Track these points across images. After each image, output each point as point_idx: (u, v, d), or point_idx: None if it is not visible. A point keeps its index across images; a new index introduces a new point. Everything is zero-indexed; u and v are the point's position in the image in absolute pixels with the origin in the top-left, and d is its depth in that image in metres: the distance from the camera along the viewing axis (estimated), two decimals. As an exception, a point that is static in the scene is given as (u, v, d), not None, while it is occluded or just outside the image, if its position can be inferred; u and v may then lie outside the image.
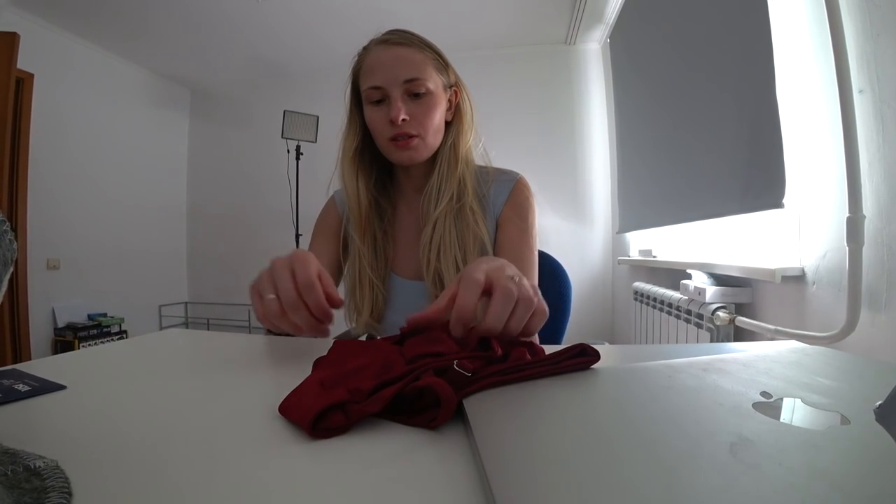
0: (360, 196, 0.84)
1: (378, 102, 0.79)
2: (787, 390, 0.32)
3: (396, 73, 0.76)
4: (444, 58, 0.83)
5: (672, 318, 1.79)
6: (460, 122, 0.86)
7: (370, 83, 0.78)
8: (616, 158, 3.01)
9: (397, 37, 0.80)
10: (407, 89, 0.77)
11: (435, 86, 0.79)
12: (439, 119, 0.81)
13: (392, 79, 0.76)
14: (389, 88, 0.76)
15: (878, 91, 0.96)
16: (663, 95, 2.09)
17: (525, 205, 0.86)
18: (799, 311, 1.22)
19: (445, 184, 0.82)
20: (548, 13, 3.02)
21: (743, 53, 1.39)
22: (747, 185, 1.37)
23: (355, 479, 0.25)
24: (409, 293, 0.86)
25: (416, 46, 0.79)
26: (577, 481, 0.21)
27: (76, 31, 3.16)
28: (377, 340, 0.52)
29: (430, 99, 0.79)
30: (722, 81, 1.53)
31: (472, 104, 0.87)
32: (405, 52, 0.78)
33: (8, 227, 0.22)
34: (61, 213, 3.15)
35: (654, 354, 0.52)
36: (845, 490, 0.19)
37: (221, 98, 4.24)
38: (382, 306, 0.86)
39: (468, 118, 0.86)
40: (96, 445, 0.29)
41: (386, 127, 0.78)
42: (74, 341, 3.02)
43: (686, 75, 1.84)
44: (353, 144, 0.85)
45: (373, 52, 0.79)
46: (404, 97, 0.77)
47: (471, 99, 0.87)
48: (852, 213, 0.98)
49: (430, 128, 0.79)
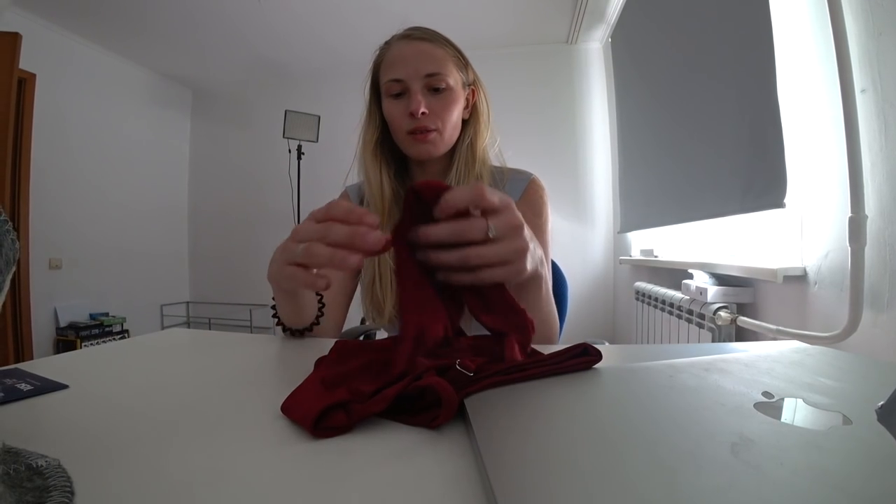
0: (383, 186, 0.84)
1: (398, 96, 0.79)
2: (788, 390, 0.32)
3: (418, 66, 0.77)
4: (464, 56, 0.85)
5: (673, 318, 1.79)
6: (477, 121, 0.86)
7: (391, 76, 0.78)
8: (617, 158, 3.00)
9: (420, 32, 0.81)
10: (427, 83, 0.78)
11: (455, 82, 0.80)
12: (457, 115, 0.82)
13: (413, 72, 0.77)
14: (410, 82, 0.77)
15: (881, 90, 0.95)
16: (665, 95, 2.08)
17: (539, 202, 0.85)
18: (801, 311, 1.21)
19: (463, 181, 0.83)
20: (549, 12, 3.02)
21: (744, 52, 1.39)
22: (748, 184, 1.37)
23: (357, 478, 0.25)
24: None
25: (437, 42, 0.80)
26: (578, 481, 0.21)
27: (78, 31, 3.17)
28: (378, 341, 0.52)
29: (449, 94, 0.79)
30: (723, 81, 1.53)
31: (489, 104, 0.88)
32: (427, 48, 0.79)
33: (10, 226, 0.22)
34: (63, 212, 3.16)
35: (655, 354, 0.52)
36: (847, 491, 0.19)
37: (223, 98, 4.25)
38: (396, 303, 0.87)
39: (485, 117, 0.87)
40: (98, 444, 0.30)
41: (405, 120, 0.79)
42: (76, 341, 3.03)
43: (687, 75, 1.84)
44: (374, 136, 0.85)
45: (395, 47, 0.80)
46: (424, 91, 0.78)
47: (488, 99, 0.88)
48: (854, 213, 0.98)
49: (448, 123, 0.80)
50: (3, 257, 0.21)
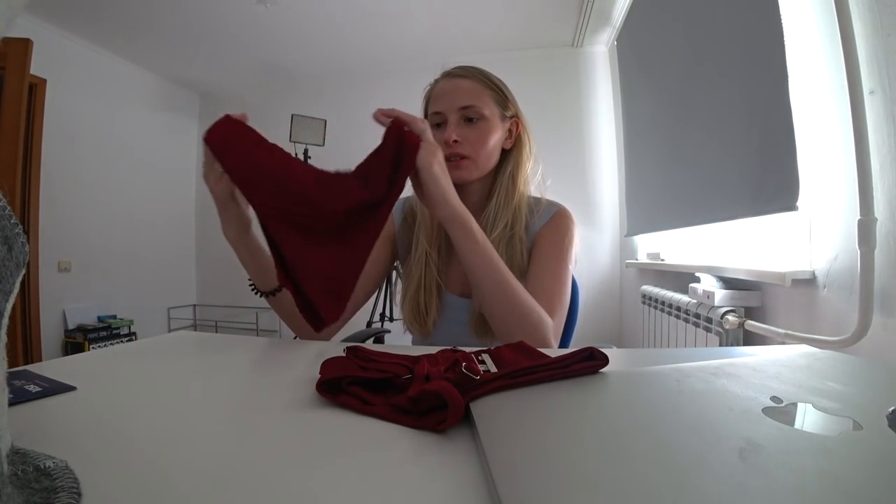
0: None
1: (438, 126, 0.87)
2: (797, 395, 0.31)
3: (454, 100, 0.85)
4: (504, 92, 0.91)
5: (680, 322, 1.78)
6: (519, 153, 0.92)
7: (433, 109, 0.87)
8: (624, 161, 2.99)
9: (460, 70, 0.89)
10: (463, 115, 0.85)
11: (491, 114, 0.86)
12: (493, 144, 0.87)
13: (450, 105, 0.85)
14: (448, 114, 0.85)
15: (890, 92, 0.94)
16: (671, 97, 2.08)
17: (563, 229, 0.89)
18: (809, 314, 1.20)
19: (502, 211, 0.88)
20: (554, 16, 3.02)
21: (754, 54, 1.38)
22: (760, 187, 1.36)
23: (363, 481, 0.25)
24: (455, 308, 0.90)
25: (475, 79, 0.88)
26: (583, 486, 0.21)
27: (88, 36, 3.21)
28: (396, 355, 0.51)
29: (484, 125, 0.85)
30: (732, 83, 1.52)
31: (531, 138, 0.94)
32: (464, 83, 0.87)
33: (20, 229, 0.22)
34: (72, 215, 3.19)
35: (662, 358, 0.51)
36: (857, 497, 0.19)
37: (230, 102, 4.28)
38: (437, 314, 0.90)
39: (527, 148, 0.93)
40: (105, 446, 0.30)
41: (442, 147, 0.83)
42: (84, 343, 3.05)
43: (693, 77, 1.83)
44: None
45: (440, 83, 0.90)
46: (459, 122, 0.85)
47: (530, 134, 0.94)
48: (864, 216, 0.97)
49: (481, 151, 0.85)
50: (13, 260, 0.21)
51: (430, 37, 3.29)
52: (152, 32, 3.19)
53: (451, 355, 0.43)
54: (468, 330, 0.86)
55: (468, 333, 0.84)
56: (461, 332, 0.85)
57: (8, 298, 0.21)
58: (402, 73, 3.65)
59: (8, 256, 0.21)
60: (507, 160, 0.92)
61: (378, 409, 0.34)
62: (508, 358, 0.43)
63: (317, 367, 0.44)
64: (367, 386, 0.38)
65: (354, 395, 0.36)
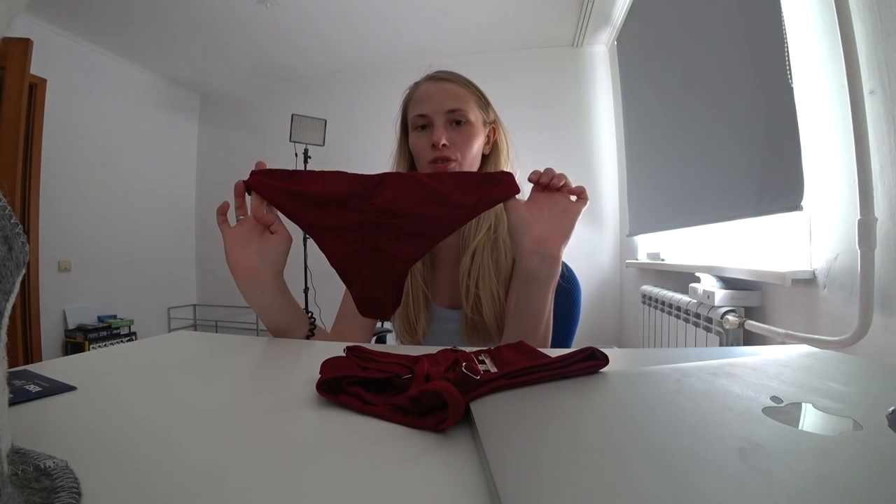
0: None
1: (422, 128, 0.87)
2: (797, 395, 0.31)
3: (441, 103, 0.85)
4: (485, 97, 0.91)
5: (680, 322, 1.78)
6: (498, 157, 0.93)
7: (417, 111, 0.86)
8: (625, 161, 2.99)
9: (444, 74, 0.89)
10: (449, 118, 0.85)
11: (475, 119, 0.87)
12: (477, 149, 0.87)
13: (437, 108, 0.85)
14: (434, 116, 0.85)
15: (890, 92, 0.94)
16: (672, 97, 2.08)
17: None
18: (810, 314, 1.20)
19: (484, 214, 0.87)
20: (554, 16, 3.02)
21: (756, 53, 1.38)
22: (763, 187, 1.35)
23: (362, 481, 0.25)
24: (444, 319, 0.91)
25: (460, 83, 0.88)
26: (584, 486, 0.21)
27: (87, 36, 3.21)
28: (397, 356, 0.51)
29: (469, 129, 0.86)
30: (732, 82, 1.52)
31: (508, 142, 0.95)
32: (450, 87, 0.87)
33: (20, 229, 0.22)
34: (73, 215, 3.19)
35: (662, 358, 0.51)
36: (857, 497, 0.19)
37: (230, 102, 4.28)
38: (426, 326, 0.91)
39: (505, 154, 0.93)
40: (106, 446, 0.30)
41: (427, 150, 0.85)
42: (85, 343, 3.05)
43: (695, 77, 1.83)
44: (404, 168, 0.94)
45: (422, 86, 0.89)
46: (446, 125, 0.85)
47: (508, 138, 0.95)
48: (864, 216, 0.97)
49: (467, 154, 0.86)
50: (13, 259, 0.21)
51: (430, 37, 3.29)
52: (152, 32, 3.19)
53: (452, 355, 0.43)
54: (460, 338, 0.87)
55: (461, 342, 0.85)
56: (454, 340, 0.86)
57: (8, 298, 0.21)
58: (402, 73, 3.62)
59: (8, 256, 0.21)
60: (486, 165, 0.93)
61: (378, 409, 0.34)
62: (508, 358, 0.43)
63: (317, 367, 0.44)
64: (367, 386, 0.38)
65: (354, 395, 0.36)
